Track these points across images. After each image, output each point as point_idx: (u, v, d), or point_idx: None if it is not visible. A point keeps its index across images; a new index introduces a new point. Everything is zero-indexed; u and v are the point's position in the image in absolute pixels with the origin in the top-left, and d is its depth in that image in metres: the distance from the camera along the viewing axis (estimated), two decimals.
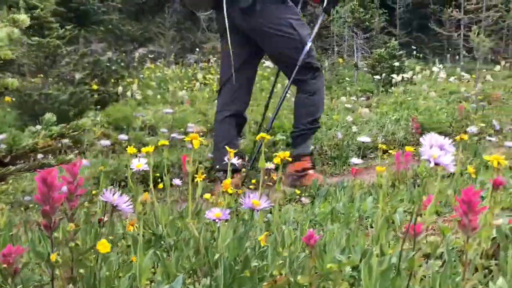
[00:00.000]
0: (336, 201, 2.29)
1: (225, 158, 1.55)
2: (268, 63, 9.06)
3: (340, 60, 9.54)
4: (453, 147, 0.81)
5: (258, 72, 3.05)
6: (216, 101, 3.02)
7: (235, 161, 1.60)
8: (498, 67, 8.25)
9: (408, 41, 12.74)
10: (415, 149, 3.99)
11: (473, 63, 10.66)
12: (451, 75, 8.57)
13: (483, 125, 4.83)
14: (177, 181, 1.51)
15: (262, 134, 1.48)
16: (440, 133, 3.07)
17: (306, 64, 2.73)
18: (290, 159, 1.39)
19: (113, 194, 0.81)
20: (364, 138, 2.46)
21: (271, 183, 2.69)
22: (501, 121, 5.11)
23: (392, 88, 7.10)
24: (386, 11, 11.43)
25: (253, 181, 2.07)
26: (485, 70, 8.04)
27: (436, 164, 0.77)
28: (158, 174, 3.49)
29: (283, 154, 1.34)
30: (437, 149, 0.78)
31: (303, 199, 2.43)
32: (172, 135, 3.70)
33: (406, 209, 2.17)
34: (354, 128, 4.36)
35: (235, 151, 1.62)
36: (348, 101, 5.94)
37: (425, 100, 5.19)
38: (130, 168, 1.43)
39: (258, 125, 3.84)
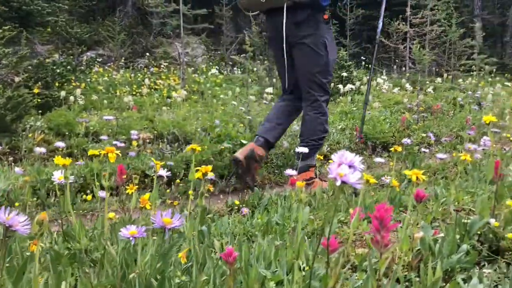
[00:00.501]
0: (275, 211, 2.29)
1: None
2: (214, 70, 9.03)
3: None
4: (362, 165, 0.82)
5: (211, 79, 3.10)
6: None
7: None
8: (439, 79, 8.62)
9: (358, 51, 13.11)
10: None
11: (418, 75, 11.10)
12: (397, 86, 8.88)
13: (424, 135, 5.03)
14: (101, 193, 1.44)
15: (192, 146, 1.44)
16: (383, 143, 3.15)
17: (323, 85, 3.04)
18: None
19: (9, 213, 0.75)
20: (302, 149, 2.47)
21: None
22: (441, 131, 5.34)
23: (340, 97, 7.26)
24: (337, 22, 11.69)
25: (190, 192, 2.03)
26: (428, 82, 8.37)
27: (343, 182, 0.77)
28: (98, 183, 3.40)
29: (205, 168, 1.30)
30: (346, 167, 0.78)
31: (243, 209, 2.41)
32: (114, 142, 3.58)
33: (340, 219, 2.21)
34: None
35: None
36: None
37: (369, 110, 5.32)
38: (52, 181, 1.36)
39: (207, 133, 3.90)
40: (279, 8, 2.90)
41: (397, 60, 11.25)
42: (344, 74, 7.57)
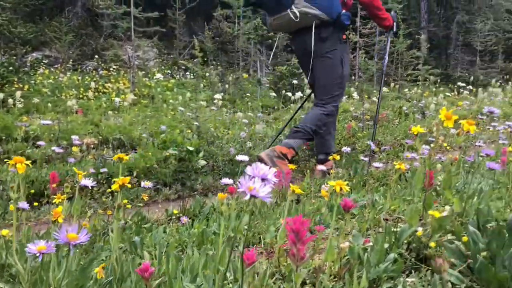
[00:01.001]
0: (214, 221, 2.26)
1: None
2: (159, 75, 8.89)
3: (245, 75, 9.68)
4: (275, 178, 0.81)
5: (162, 83, 3.12)
6: None
7: None
8: (385, 89, 8.88)
9: None
10: (298, 167, 4.13)
11: (364, 84, 11.43)
12: (346, 94, 9.09)
13: (369, 143, 5.15)
14: (23, 205, 1.35)
15: (119, 155, 1.39)
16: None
17: (335, 95, 3.49)
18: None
19: None
20: (242, 157, 2.45)
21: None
22: (385, 139, 5.49)
23: (291, 104, 7.34)
24: None
25: (125, 201, 1.96)
26: (375, 91, 8.62)
27: (252, 196, 0.75)
28: (33, 191, 3.24)
29: (122, 179, 1.26)
30: (258, 180, 0.77)
31: (183, 218, 2.37)
32: (53, 148, 3.44)
33: (278, 228, 2.20)
34: (249, 144, 4.41)
35: None
36: (246, 117, 6.01)
37: None
38: None
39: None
40: (306, 27, 3.31)
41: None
42: (295, 81, 7.65)
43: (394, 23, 3.74)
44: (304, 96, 7.53)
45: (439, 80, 12.43)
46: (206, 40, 9.50)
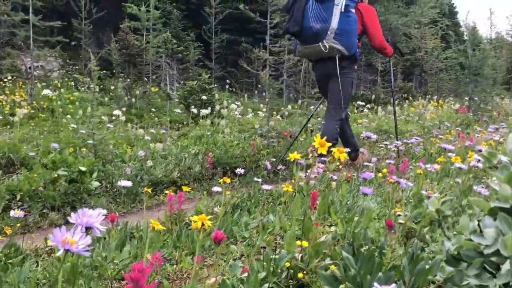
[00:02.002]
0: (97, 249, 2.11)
1: None
2: (46, 91, 8.43)
3: (153, 89, 9.45)
4: (103, 227, 0.73)
5: (65, 96, 3.00)
6: None
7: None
8: (290, 107, 9.14)
9: (223, 75, 13.40)
10: (192, 189, 4.07)
11: (268, 101, 11.72)
12: (257, 110, 9.23)
13: (273, 159, 5.23)
14: None
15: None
16: (235, 168, 3.11)
17: (343, 109, 4.47)
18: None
19: None
20: (125, 183, 2.32)
21: None
22: (290, 155, 5.62)
23: (200, 120, 7.27)
24: (202, 44, 11.83)
25: None
26: (282, 108, 8.84)
27: (67, 250, 0.67)
28: None
29: None
30: (80, 230, 0.69)
31: None
32: None
33: (167, 255, 2.11)
34: (150, 162, 4.26)
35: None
36: (148, 133, 5.83)
37: (222, 134, 5.39)
38: None
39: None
40: (330, 57, 4.28)
41: (258, 86, 11.74)
42: (204, 97, 7.60)
43: (393, 48, 4.72)
44: (214, 112, 7.51)
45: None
46: (113, 52, 9.15)
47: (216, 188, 2.84)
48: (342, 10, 4.17)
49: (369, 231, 2.02)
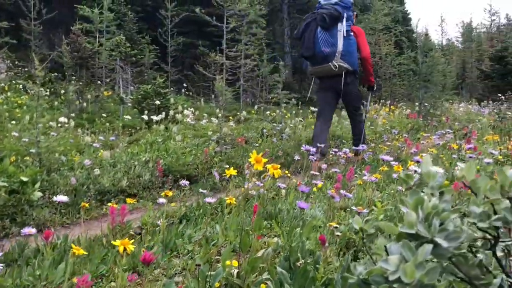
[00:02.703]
0: (32, 267, 2.03)
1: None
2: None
3: (106, 93, 9.23)
4: None
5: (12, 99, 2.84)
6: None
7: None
8: (244, 112, 9.16)
9: (180, 78, 13.27)
10: (137, 200, 4.00)
11: (235, 104, 11.72)
12: (213, 115, 9.19)
13: (227, 166, 5.21)
14: None
15: None
16: (186, 176, 3.07)
17: (360, 110, 5.60)
18: None
19: None
20: (60, 198, 2.25)
21: None
22: (244, 161, 5.62)
23: (154, 125, 7.16)
24: (158, 47, 11.67)
25: None
26: (238, 113, 8.84)
27: None
28: None
29: None
30: None
31: None
32: None
33: (101, 272, 2.06)
34: (97, 171, 4.15)
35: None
36: (96, 139, 5.69)
37: (174, 141, 5.33)
38: None
39: None
40: (337, 74, 5.13)
41: (215, 90, 11.68)
42: (157, 102, 7.49)
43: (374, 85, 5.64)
44: (168, 117, 7.42)
45: (300, 103, 13.26)
46: (64, 55, 8.87)
47: (161, 200, 2.80)
48: (345, 35, 5.12)
49: (309, 243, 2.05)
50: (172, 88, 12.51)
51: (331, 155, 5.55)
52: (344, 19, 5.14)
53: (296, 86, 15.24)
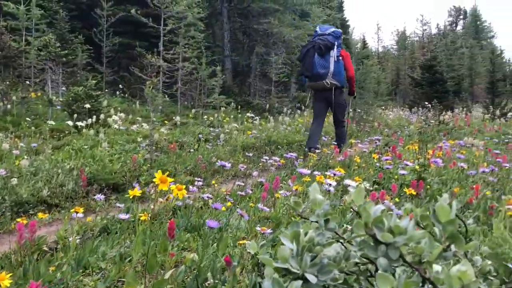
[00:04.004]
0: None
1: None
2: None
3: (34, 94, 8.75)
4: None
5: None
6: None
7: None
8: (178, 117, 9.02)
9: (115, 79, 12.88)
10: (58, 211, 3.83)
11: (173, 107, 11.54)
12: (148, 118, 8.98)
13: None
14: None
15: None
16: (113, 184, 2.94)
17: (343, 118, 6.95)
18: None
19: None
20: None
21: None
22: (176, 168, 5.53)
23: (84, 130, 6.88)
24: (92, 48, 11.26)
25: None
26: (173, 118, 8.71)
27: None
28: None
29: None
30: None
31: None
32: None
33: None
34: (15, 180, 3.91)
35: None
36: (17, 144, 5.39)
37: (101, 147, 5.15)
38: None
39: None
40: (329, 89, 6.57)
41: (153, 92, 11.43)
42: (87, 105, 7.21)
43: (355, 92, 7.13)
44: (99, 121, 7.16)
45: (239, 107, 13.31)
46: None
47: (79, 215, 2.68)
48: (335, 60, 6.59)
49: (222, 259, 2.04)
50: (107, 90, 12.11)
51: (262, 162, 5.60)
52: (335, 47, 6.61)
53: (237, 90, 15.27)
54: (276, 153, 7.19)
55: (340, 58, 6.65)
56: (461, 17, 61.40)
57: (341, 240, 1.08)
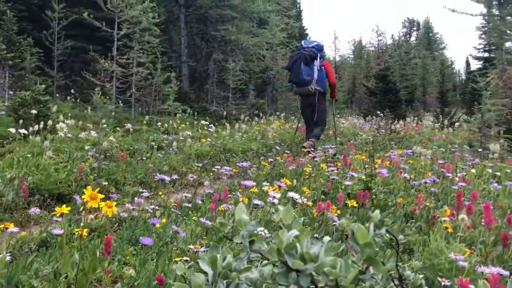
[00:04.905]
0: None
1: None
2: None
3: None
4: None
5: None
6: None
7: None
8: (129, 125, 8.82)
9: (67, 84, 12.47)
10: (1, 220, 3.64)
11: (127, 113, 11.28)
12: (99, 124, 8.73)
13: (106, 183, 4.96)
14: None
15: None
16: (58, 194, 2.79)
17: (325, 122, 8.39)
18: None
19: None
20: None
21: None
22: (126, 178, 5.39)
23: (31, 137, 6.59)
24: (42, 51, 10.86)
25: None
26: (126, 125, 8.52)
27: None
28: None
29: None
30: None
31: None
32: None
33: None
34: None
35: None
36: None
37: (45, 156, 4.94)
38: None
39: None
40: (313, 94, 7.79)
41: (107, 97, 11.15)
42: (34, 111, 6.92)
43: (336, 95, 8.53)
44: (46, 127, 6.89)
45: (196, 113, 13.20)
46: None
47: (14, 229, 2.54)
48: (318, 69, 7.86)
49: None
50: (58, 95, 11.71)
51: (213, 172, 5.55)
52: (318, 58, 7.91)
53: (194, 96, 15.14)
54: (231, 161, 7.15)
55: (322, 67, 7.94)
56: (415, 28, 63.85)
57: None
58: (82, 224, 1.70)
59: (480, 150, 8.04)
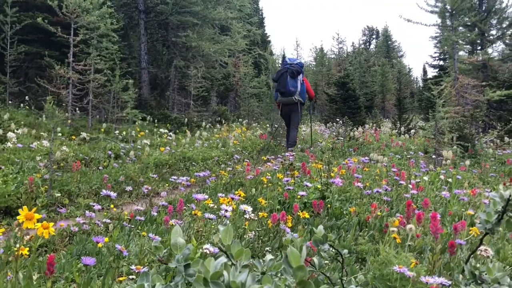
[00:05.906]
0: None
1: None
2: None
3: None
4: None
5: None
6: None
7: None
8: (84, 134, 8.62)
9: (21, 90, 12.03)
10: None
11: (84, 120, 10.99)
12: (55, 133, 8.44)
13: (58, 195, 4.79)
14: None
15: None
16: (6, 208, 2.64)
17: (299, 122, 10.00)
18: None
19: None
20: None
21: None
22: (80, 189, 5.22)
23: None
24: None
25: None
26: (82, 133, 8.29)
27: None
28: None
29: None
30: None
31: None
32: None
33: None
34: None
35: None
36: None
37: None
38: None
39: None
40: (294, 103, 9.48)
41: (62, 104, 10.83)
42: None
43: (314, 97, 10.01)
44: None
45: (157, 121, 13.01)
46: None
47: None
48: (301, 82, 9.38)
49: None
50: (10, 102, 11.27)
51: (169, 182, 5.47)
52: (301, 74, 9.43)
53: (154, 103, 14.92)
54: (191, 170, 7.07)
55: (303, 81, 9.52)
56: (374, 36, 65.52)
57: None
58: (17, 246, 1.61)
59: (434, 156, 8.29)
